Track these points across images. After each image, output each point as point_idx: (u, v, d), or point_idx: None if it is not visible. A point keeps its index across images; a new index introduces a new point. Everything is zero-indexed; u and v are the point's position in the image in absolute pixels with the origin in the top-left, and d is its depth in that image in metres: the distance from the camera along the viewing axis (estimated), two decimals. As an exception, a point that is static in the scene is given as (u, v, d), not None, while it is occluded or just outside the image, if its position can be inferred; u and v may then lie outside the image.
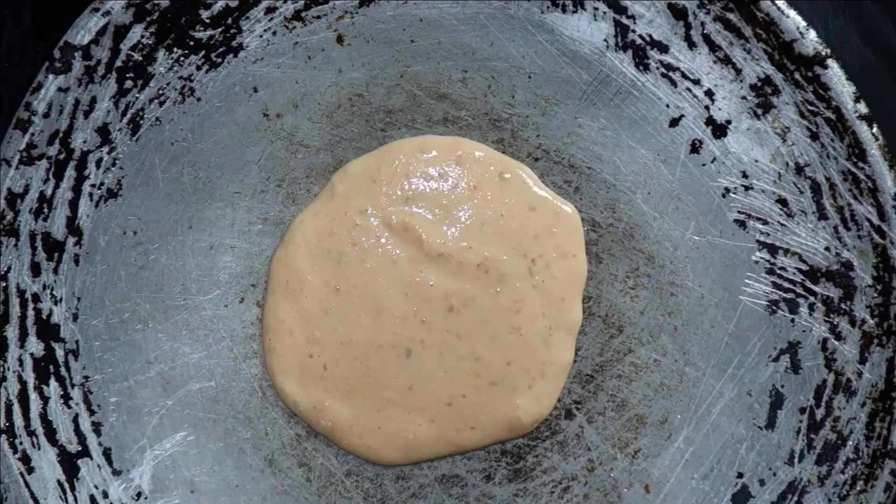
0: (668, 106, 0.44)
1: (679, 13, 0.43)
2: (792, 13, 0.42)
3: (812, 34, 0.42)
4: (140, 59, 0.43)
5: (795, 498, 0.43)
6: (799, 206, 0.43)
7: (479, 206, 0.45)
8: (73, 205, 0.43)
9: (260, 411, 0.45)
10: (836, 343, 0.43)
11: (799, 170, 0.43)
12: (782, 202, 0.43)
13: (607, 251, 0.45)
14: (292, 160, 0.45)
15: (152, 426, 0.44)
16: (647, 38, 0.44)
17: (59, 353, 0.43)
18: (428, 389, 0.44)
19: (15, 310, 0.42)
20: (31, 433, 0.43)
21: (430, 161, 0.45)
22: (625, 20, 0.43)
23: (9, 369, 0.42)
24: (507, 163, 0.45)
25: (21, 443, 0.42)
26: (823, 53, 0.42)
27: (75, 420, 0.43)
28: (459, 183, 0.45)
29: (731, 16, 0.42)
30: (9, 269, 0.42)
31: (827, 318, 0.43)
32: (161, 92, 0.43)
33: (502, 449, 0.45)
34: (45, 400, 0.43)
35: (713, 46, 0.43)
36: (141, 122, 0.43)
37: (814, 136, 0.42)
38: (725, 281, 0.44)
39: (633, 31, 0.44)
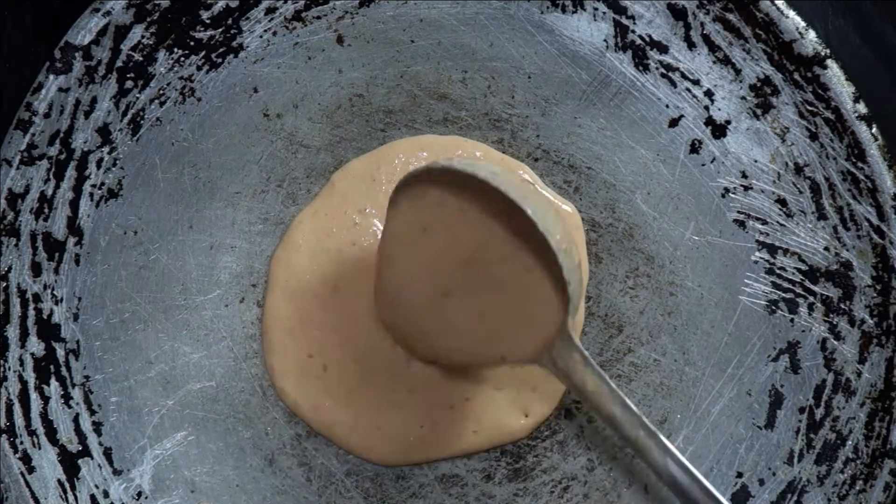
0: (667, 106, 0.44)
1: (679, 13, 0.43)
2: (791, 13, 0.42)
3: (812, 34, 0.42)
4: (140, 59, 0.43)
5: (795, 497, 0.43)
6: (798, 206, 0.43)
7: (479, 206, 0.44)
8: (74, 205, 0.43)
9: (260, 411, 0.45)
10: (836, 343, 0.43)
11: (798, 170, 0.43)
12: (782, 202, 0.43)
13: (607, 251, 0.45)
14: (292, 160, 0.46)
15: (153, 426, 0.44)
16: (647, 39, 0.44)
17: (60, 352, 0.43)
18: (430, 392, 0.44)
19: (16, 310, 0.42)
20: (32, 433, 0.43)
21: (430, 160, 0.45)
22: (624, 20, 0.43)
23: (9, 369, 0.42)
24: (508, 162, 0.45)
25: (21, 442, 0.42)
26: (823, 54, 0.42)
27: (76, 420, 0.43)
28: (459, 183, 0.45)
29: (730, 16, 0.42)
30: (9, 269, 0.42)
31: (826, 318, 0.43)
32: (161, 92, 0.43)
33: (502, 449, 0.45)
34: (45, 400, 0.43)
35: (713, 47, 0.43)
36: (141, 122, 0.43)
37: (813, 137, 0.43)
38: (725, 281, 0.44)
39: (633, 31, 0.44)
